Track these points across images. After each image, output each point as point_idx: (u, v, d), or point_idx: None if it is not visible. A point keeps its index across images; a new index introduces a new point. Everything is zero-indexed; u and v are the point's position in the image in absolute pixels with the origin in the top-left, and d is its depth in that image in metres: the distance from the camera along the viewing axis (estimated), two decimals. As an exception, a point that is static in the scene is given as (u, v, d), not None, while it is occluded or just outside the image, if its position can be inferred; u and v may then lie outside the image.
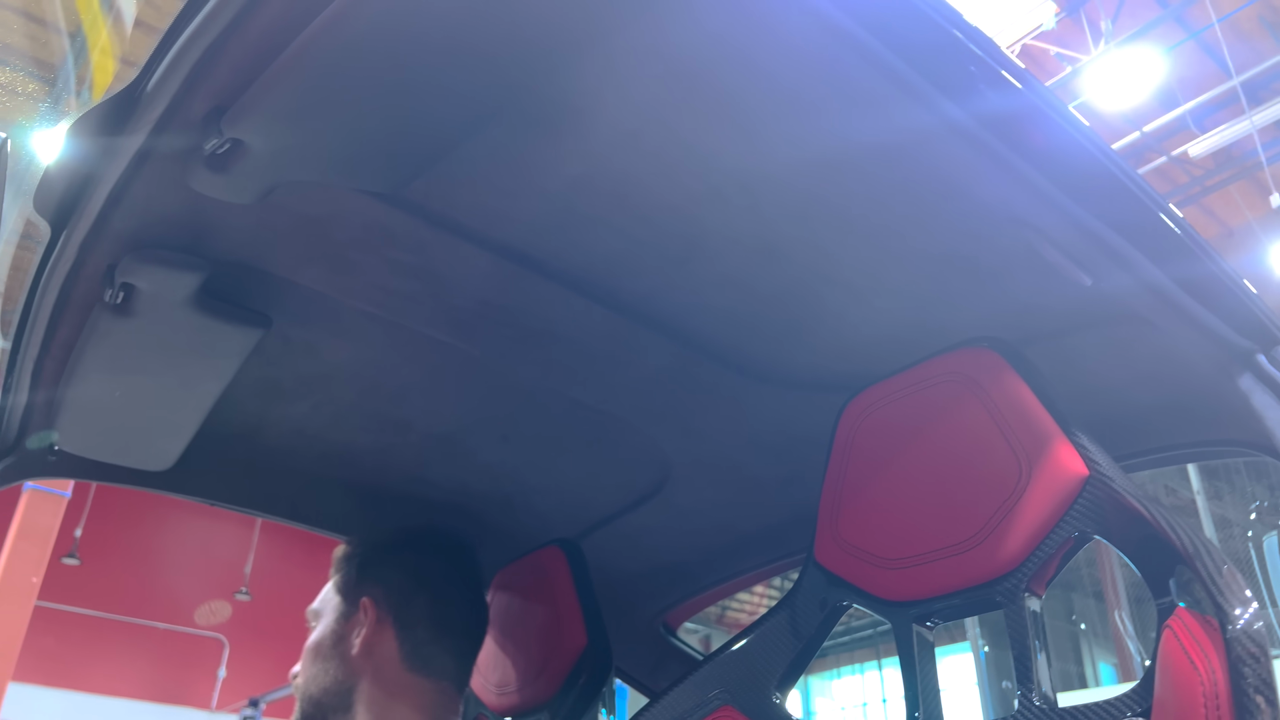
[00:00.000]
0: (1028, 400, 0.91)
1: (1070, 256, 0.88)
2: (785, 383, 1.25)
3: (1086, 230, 0.85)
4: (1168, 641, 0.71)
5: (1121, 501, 0.82)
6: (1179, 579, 0.74)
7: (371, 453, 1.50)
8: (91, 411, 1.27)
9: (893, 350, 1.13)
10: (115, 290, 1.04)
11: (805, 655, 1.06)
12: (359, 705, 1.19)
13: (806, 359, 1.21)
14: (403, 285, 1.12)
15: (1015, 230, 0.89)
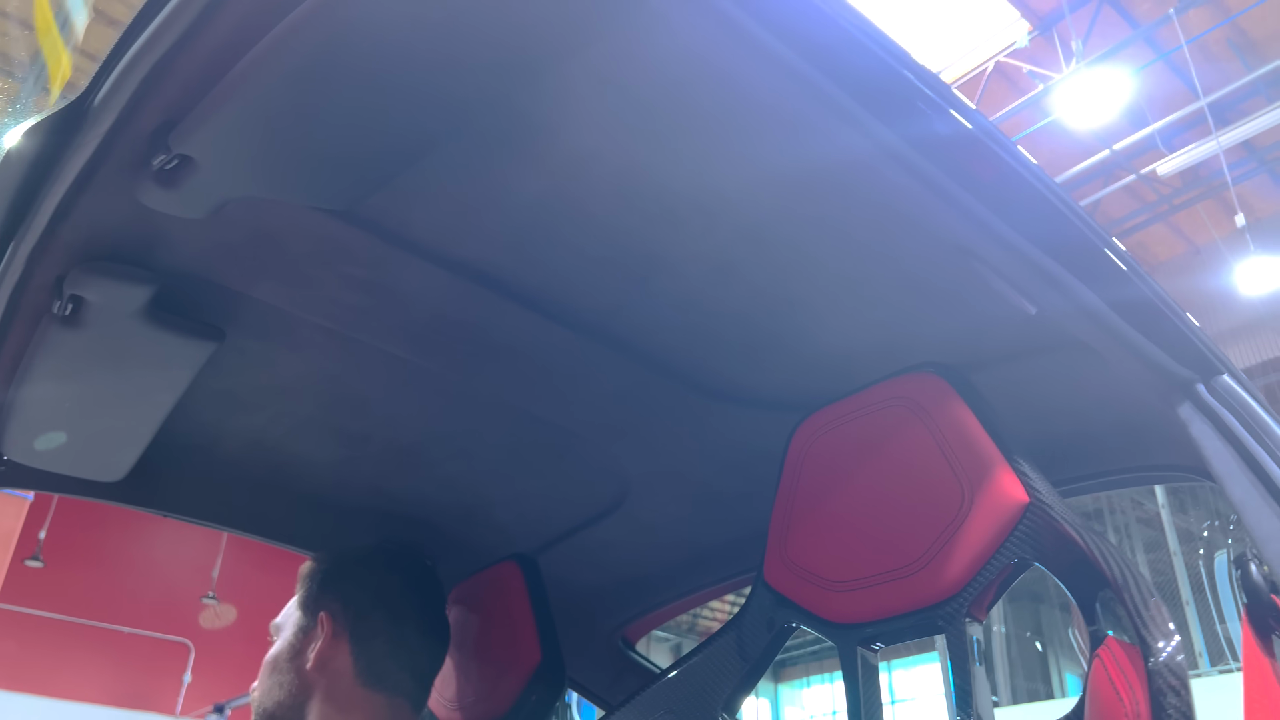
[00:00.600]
0: (971, 426, 0.92)
1: (1014, 285, 0.89)
2: (743, 401, 1.26)
3: (1028, 259, 0.86)
4: (1096, 669, 0.72)
5: (1059, 529, 0.83)
6: (1108, 608, 0.75)
7: (331, 465, 1.50)
8: (40, 422, 1.25)
9: (849, 370, 1.14)
10: (64, 302, 1.03)
11: (753, 675, 1.06)
12: (311, 719, 1.19)
13: (764, 378, 1.22)
14: (358, 300, 1.12)
15: (961, 259, 0.90)
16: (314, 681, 1.20)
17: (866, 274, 1.02)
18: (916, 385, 0.98)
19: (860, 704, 0.96)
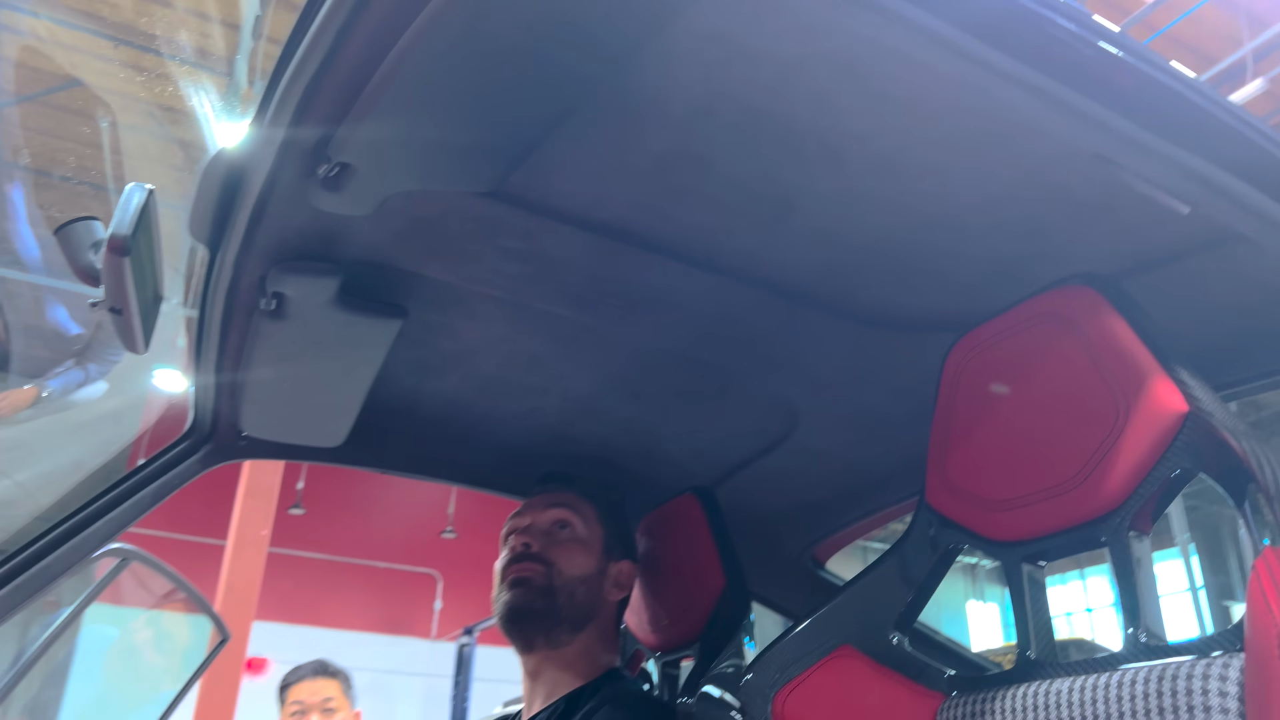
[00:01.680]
0: (1124, 337, 0.89)
1: (1161, 186, 0.85)
2: (897, 326, 1.26)
3: (1173, 160, 0.82)
4: (1252, 580, 0.71)
5: (1220, 438, 0.80)
6: (1268, 517, 0.73)
7: (517, 416, 1.62)
8: (267, 401, 1.43)
9: (999, 287, 1.12)
10: (268, 299, 1.18)
11: (922, 596, 1.08)
12: (591, 626, 1.43)
13: (914, 301, 1.22)
14: (516, 269, 1.21)
15: (1101, 166, 0.87)
16: (602, 608, 1.46)
17: (1004, 190, 0.99)
18: (1066, 299, 0.96)
19: (1028, 621, 0.97)
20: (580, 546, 1.45)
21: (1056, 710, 0.85)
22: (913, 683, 1.03)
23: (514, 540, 1.45)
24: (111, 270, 0.89)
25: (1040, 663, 0.94)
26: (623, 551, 1.52)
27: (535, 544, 1.42)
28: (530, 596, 1.38)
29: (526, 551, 1.42)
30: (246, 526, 6.36)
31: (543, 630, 1.38)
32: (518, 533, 1.46)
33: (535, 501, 1.51)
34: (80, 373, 3.89)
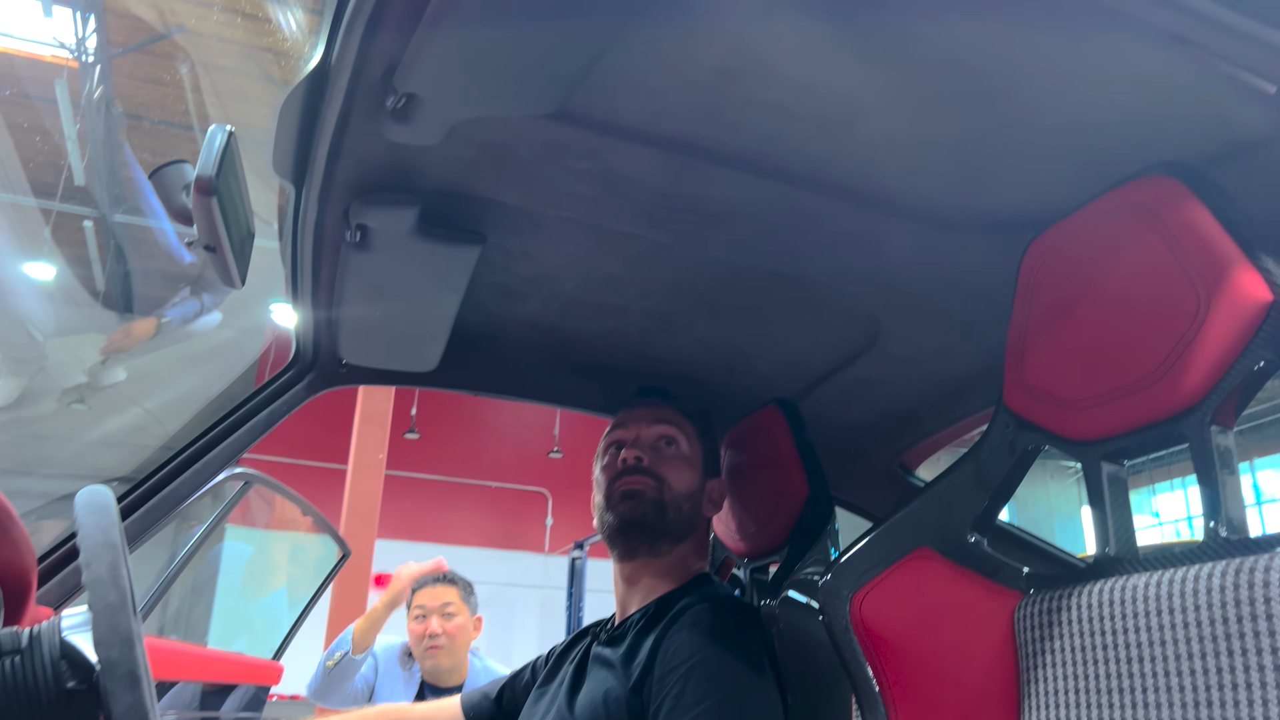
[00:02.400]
0: (1206, 226, 0.86)
1: (1244, 66, 0.80)
2: (975, 228, 1.23)
3: (1255, 37, 0.77)
4: None
5: None
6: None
7: (600, 336, 1.65)
8: (362, 330, 1.50)
9: (1078, 181, 1.08)
10: (353, 231, 1.23)
11: (1000, 498, 1.08)
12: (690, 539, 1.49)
13: (992, 203, 1.18)
14: (588, 190, 1.22)
15: (1179, 47, 0.82)
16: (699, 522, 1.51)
17: (1080, 82, 0.95)
18: (1146, 189, 0.92)
19: (1107, 519, 0.96)
20: (685, 464, 1.49)
21: (1134, 605, 0.85)
22: (990, 581, 1.04)
23: (625, 453, 1.47)
24: (201, 210, 0.94)
25: (1120, 559, 0.94)
26: (716, 469, 1.56)
27: (646, 458, 1.46)
28: (643, 509, 1.42)
29: (639, 465, 1.45)
30: (364, 451, 6.68)
31: (648, 541, 1.43)
32: (627, 445, 1.49)
33: (638, 414, 1.53)
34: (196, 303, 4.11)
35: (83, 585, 1.31)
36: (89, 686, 0.93)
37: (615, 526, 1.44)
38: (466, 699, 1.60)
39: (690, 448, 1.51)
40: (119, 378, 5.05)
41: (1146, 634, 0.83)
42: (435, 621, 2.97)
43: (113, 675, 0.91)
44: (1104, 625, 0.88)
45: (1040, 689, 0.93)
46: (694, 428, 1.53)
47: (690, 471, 1.49)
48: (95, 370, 4.94)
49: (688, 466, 1.49)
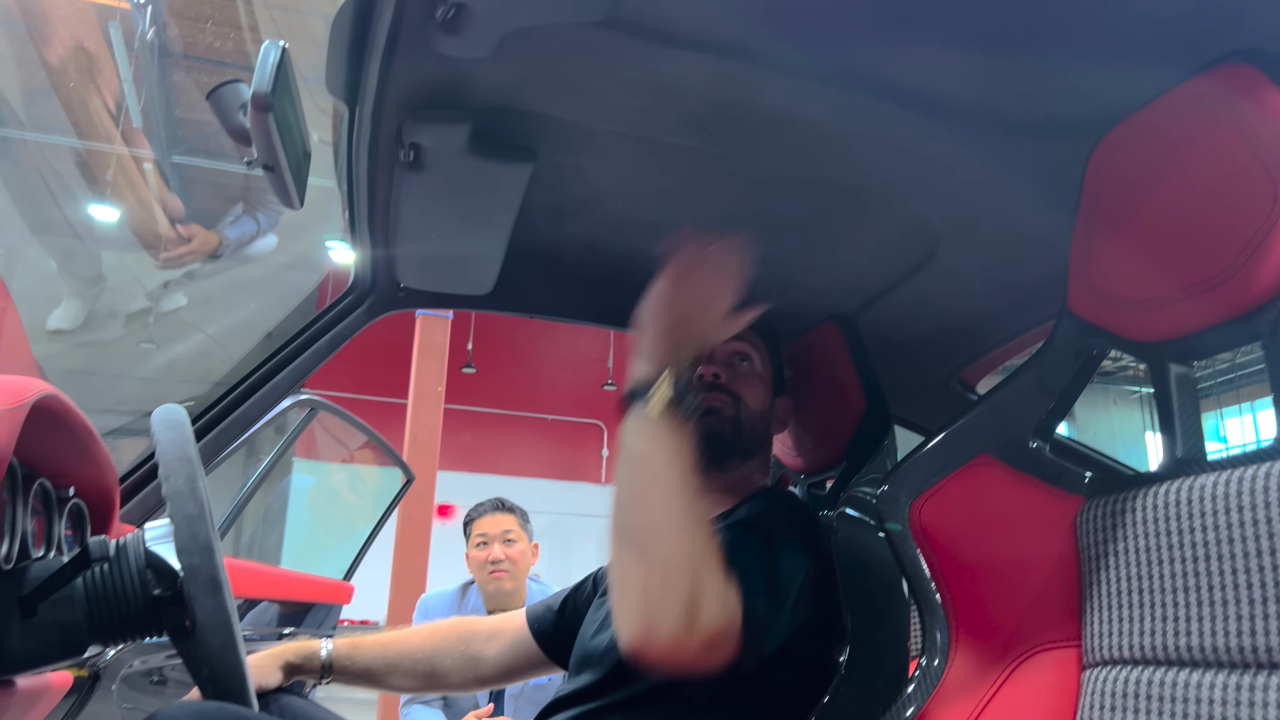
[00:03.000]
0: (1285, 115, 0.82)
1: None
2: (1038, 131, 1.19)
3: None
4: None
5: None
6: None
7: (654, 256, 1.64)
8: (418, 252, 1.52)
9: (1147, 75, 1.04)
10: (406, 150, 1.23)
11: (1063, 404, 1.07)
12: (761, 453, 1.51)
13: (1057, 102, 1.14)
14: (638, 101, 1.20)
15: None
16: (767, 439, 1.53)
17: None
18: (1224, 78, 0.88)
19: (1174, 420, 0.94)
20: (759, 381, 1.49)
21: (1201, 504, 0.84)
22: (1052, 487, 1.03)
23: (703, 369, 1.47)
24: (259, 127, 0.95)
25: (1188, 460, 0.92)
26: (783, 387, 1.56)
27: (723, 375, 1.46)
28: (721, 426, 1.42)
29: (717, 382, 1.45)
30: (423, 384, 6.79)
31: (720, 458, 1.43)
32: (703, 362, 1.48)
33: None
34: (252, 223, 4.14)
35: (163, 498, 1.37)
36: (174, 593, 0.98)
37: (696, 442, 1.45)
38: (530, 611, 1.65)
39: (762, 365, 1.51)
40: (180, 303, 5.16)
41: (1214, 532, 0.82)
42: (497, 548, 3.05)
43: (195, 581, 0.96)
44: (1170, 525, 0.87)
45: (1102, 590, 0.93)
46: (764, 344, 1.53)
47: (763, 389, 1.49)
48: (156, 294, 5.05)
49: (760, 384, 1.49)
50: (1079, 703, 0.92)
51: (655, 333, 1.19)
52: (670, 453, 1.12)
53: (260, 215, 4.18)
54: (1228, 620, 0.79)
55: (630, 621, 1.04)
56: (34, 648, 0.94)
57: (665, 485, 1.10)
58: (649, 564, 1.04)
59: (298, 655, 1.50)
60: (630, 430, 1.15)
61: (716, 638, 1.04)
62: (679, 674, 1.04)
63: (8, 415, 0.84)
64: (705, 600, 1.03)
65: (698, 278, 1.20)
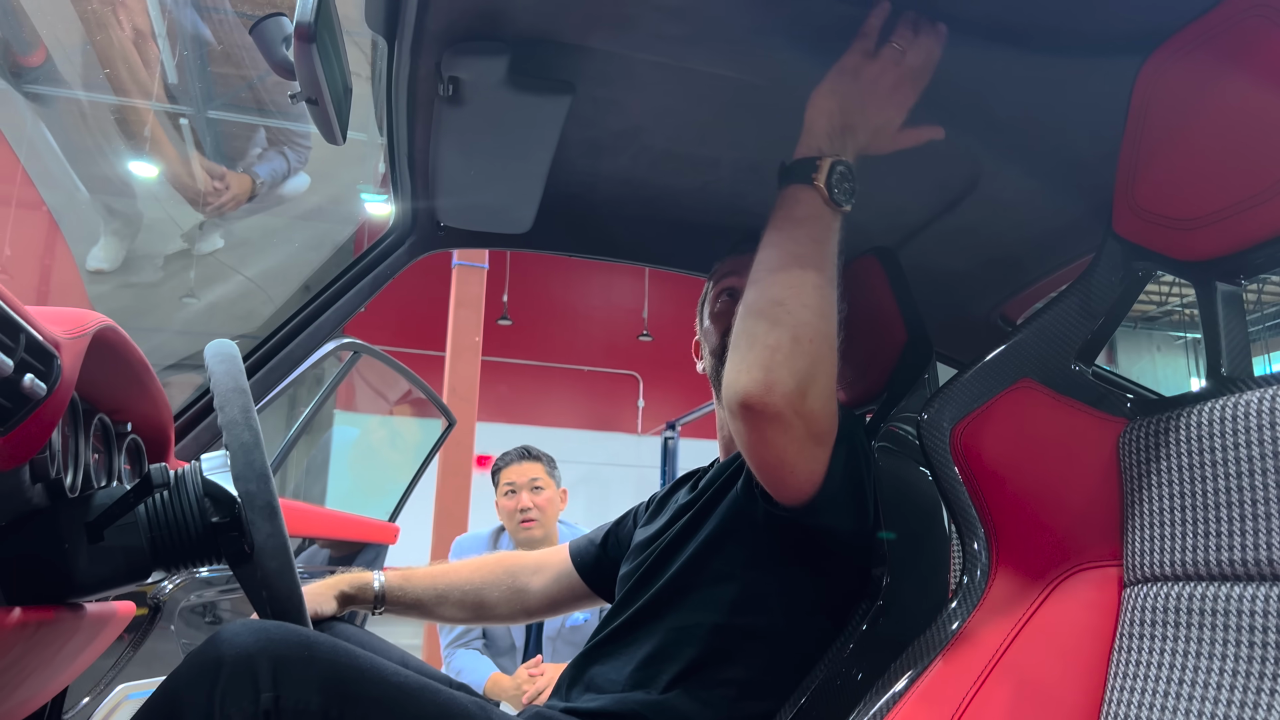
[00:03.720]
0: (1343, 21, 0.80)
1: None
2: (1085, 49, 1.17)
3: None
4: None
5: None
6: None
7: (691, 192, 1.64)
8: (457, 189, 1.53)
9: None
10: (445, 84, 1.24)
11: (1108, 327, 1.06)
12: None
13: (1103, 18, 1.12)
14: (678, 30, 1.20)
15: None
16: None
17: None
18: (1277, -13, 0.86)
19: (1220, 339, 0.94)
20: None
21: (1245, 420, 0.84)
22: (1094, 409, 1.03)
23: None
24: (302, 60, 0.97)
25: (1233, 379, 0.92)
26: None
27: None
28: None
29: None
30: (460, 335, 6.85)
31: None
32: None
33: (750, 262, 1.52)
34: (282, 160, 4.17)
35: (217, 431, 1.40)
36: (231, 519, 1.01)
37: None
38: (573, 545, 1.68)
39: None
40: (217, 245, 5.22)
41: (1259, 447, 0.82)
42: (525, 496, 3.10)
43: (252, 506, 0.99)
44: (1214, 442, 0.87)
45: (1144, 509, 0.94)
46: None
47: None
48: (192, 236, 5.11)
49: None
50: (1119, 619, 0.93)
51: (826, 111, 1.16)
52: (821, 230, 1.13)
53: (288, 151, 4.20)
54: (1270, 534, 0.79)
55: (751, 369, 1.06)
56: (101, 571, 0.97)
57: (813, 259, 1.11)
58: (784, 327, 1.06)
59: (352, 586, 1.55)
60: (786, 202, 1.15)
61: (818, 428, 1.09)
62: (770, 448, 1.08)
63: (71, 343, 0.87)
64: (820, 381, 1.07)
65: (876, 69, 1.14)
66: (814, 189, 1.12)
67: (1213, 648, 0.82)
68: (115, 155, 4.84)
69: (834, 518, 1.19)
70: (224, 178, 4.12)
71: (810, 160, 1.14)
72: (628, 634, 1.31)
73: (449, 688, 1.07)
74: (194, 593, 1.86)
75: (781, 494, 1.18)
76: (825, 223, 1.13)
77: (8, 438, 0.75)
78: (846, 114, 1.15)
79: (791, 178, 1.15)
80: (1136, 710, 0.87)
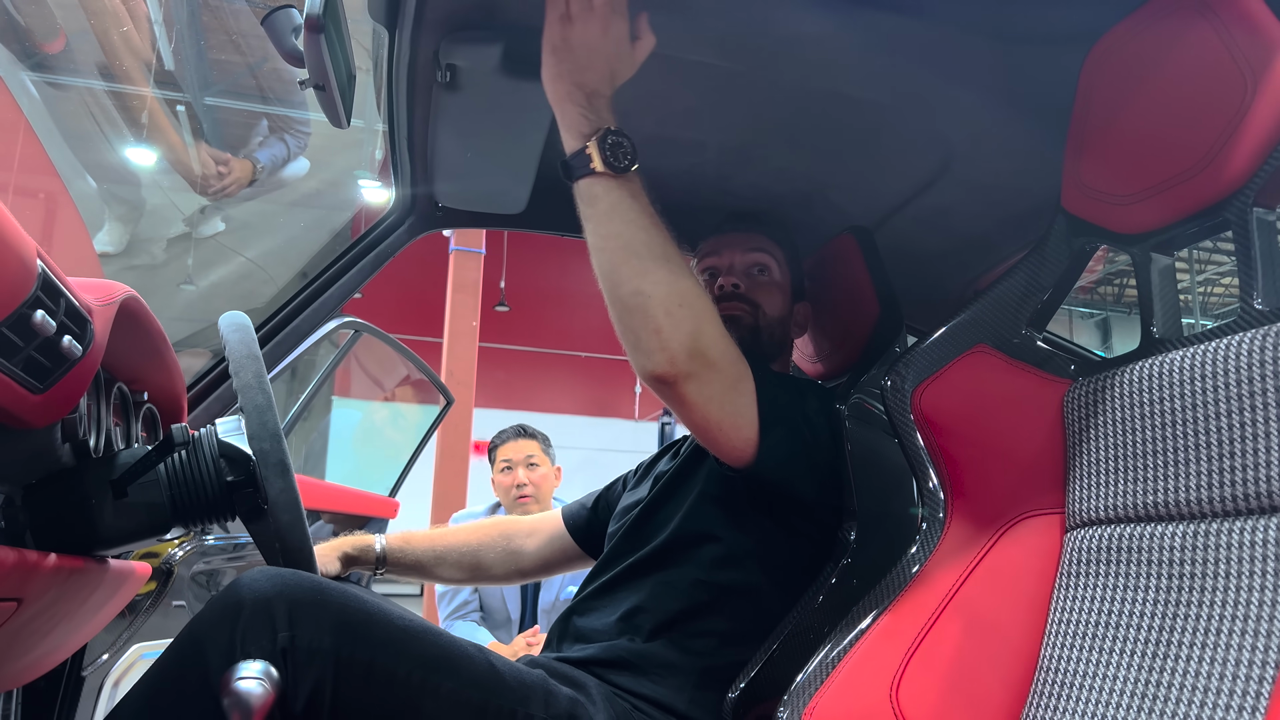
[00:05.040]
0: (1258, 14, 0.88)
1: None
2: (1039, 39, 1.25)
3: None
4: None
5: None
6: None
7: (678, 174, 1.72)
8: (454, 171, 1.61)
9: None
10: (443, 71, 1.32)
11: (1056, 297, 1.15)
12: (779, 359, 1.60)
13: (1054, 11, 1.20)
14: (661, 20, 1.27)
15: None
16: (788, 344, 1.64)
17: None
18: (1203, -18, 0.94)
19: (1153, 304, 1.02)
20: (777, 289, 1.59)
21: (1170, 376, 0.92)
22: (1041, 372, 1.12)
23: (723, 280, 1.57)
24: (311, 49, 1.04)
25: (1165, 339, 1.00)
26: (802, 293, 1.65)
27: (742, 284, 1.56)
28: (740, 333, 1.51)
29: (736, 291, 1.55)
30: (458, 319, 6.95)
31: None
32: (723, 273, 1.58)
33: (732, 240, 1.62)
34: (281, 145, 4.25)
35: (231, 396, 1.48)
36: (246, 477, 1.09)
37: None
38: (566, 509, 1.77)
39: (781, 273, 1.61)
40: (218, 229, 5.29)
41: (1180, 400, 0.90)
42: (521, 472, 3.19)
43: (266, 463, 1.07)
44: (1143, 398, 0.95)
45: (1085, 460, 1.02)
46: (784, 254, 1.63)
47: (781, 296, 1.59)
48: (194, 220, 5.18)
49: (779, 292, 1.59)
50: (1061, 560, 1.02)
51: (565, 94, 1.18)
52: (626, 205, 1.17)
53: (289, 137, 4.28)
54: (1189, 476, 0.88)
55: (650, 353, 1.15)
56: (125, 525, 1.05)
57: (638, 235, 1.16)
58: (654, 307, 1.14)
59: (355, 548, 1.64)
60: (582, 197, 1.19)
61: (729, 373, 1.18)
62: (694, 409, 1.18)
63: (102, 309, 0.95)
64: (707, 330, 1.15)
65: (580, 28, 1.16)
66: (597, 176, 1.17)
67: (1138, 580, 0.91)
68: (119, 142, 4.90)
69: (787, 478, 1.29)
70: (227, 163, 4.20)
71: (579, 152, 1.18)
72: (612, 589, 1.40)
73: None
74: (202, 558, 1.95)
75: (724, 453, 1.27)
76: (624, 194, 1.17)
77: (47, 394, 0.82)
78: (582, 84, 1.18)
79: (574, 174, 1.19)
80: (1074, 640, 0.96)
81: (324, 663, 0.97)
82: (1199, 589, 0.84)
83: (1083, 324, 16.64)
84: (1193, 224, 0.97)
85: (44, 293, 0.77)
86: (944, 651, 1.02)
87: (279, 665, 0.95)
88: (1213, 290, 15.27)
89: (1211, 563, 0.83)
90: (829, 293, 1.66)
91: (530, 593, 3.19)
